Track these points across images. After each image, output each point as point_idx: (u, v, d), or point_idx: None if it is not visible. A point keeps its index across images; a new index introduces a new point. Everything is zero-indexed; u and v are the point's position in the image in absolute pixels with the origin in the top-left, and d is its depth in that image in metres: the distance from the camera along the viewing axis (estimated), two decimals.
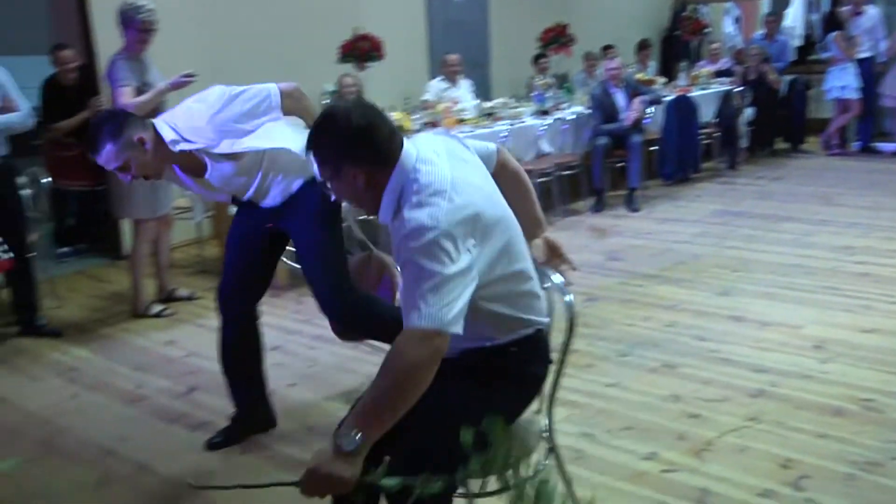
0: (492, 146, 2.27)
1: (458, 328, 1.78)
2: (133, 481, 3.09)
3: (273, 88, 2.89)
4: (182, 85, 4.75)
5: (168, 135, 2.77)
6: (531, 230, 2.30)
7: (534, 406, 2.26)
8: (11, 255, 4.15)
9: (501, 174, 2.23)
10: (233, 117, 2.80)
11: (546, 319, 2.15)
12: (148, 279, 5.07)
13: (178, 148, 2.78)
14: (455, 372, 1.98)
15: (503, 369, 2.06)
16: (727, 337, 4.14)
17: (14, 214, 4.56)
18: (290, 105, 2.95)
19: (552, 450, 2.33)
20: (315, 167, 1.94)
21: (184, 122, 2.81)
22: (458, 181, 1.88)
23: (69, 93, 5.89)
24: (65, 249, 6.46)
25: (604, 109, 7.17)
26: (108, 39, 5.38)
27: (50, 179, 5.34)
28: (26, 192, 4.83)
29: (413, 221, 1.79)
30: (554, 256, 2.35)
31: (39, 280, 4.95)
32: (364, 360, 4.10)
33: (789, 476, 2.86)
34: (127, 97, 4.64)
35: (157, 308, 5.00)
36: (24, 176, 4.92)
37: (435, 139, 2.06)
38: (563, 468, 2.38)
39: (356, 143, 1.87)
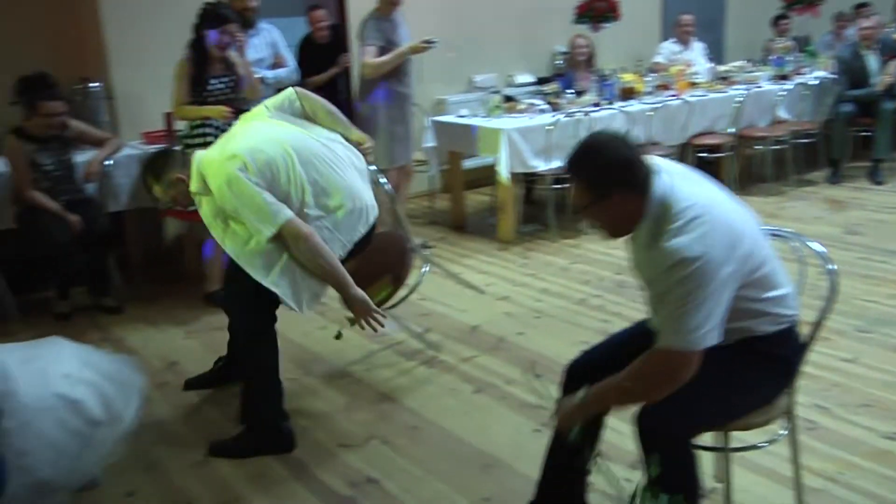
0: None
1: (710, 342, 1.92)
2: (377, 409, 3.40)
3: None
4: (422, 50, 5.03)
5: (194, 186, 2.93)
6: None
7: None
8: None
9: None
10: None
11: (797, 312, 2.17)
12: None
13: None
14: (728, 352, 2.08)
15: (765, 356, 2.13)
16: None
17: None
18: None
19: (789, 416, 2.32)
20: (577, 190, 2.03)
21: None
22: (712, 204, 1.95)
23: (322, 50, 6.36)
24: None
25: (851, 73, 6.70)
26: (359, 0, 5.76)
27: None
28: None
29: (675, 253, 1.88)
30: None
31: None
32: (588, 315, 4.21)
33: None
34: (369, 56, 4.99)
35: None
36: None
37: (670, 162, 2.12)
38: (795, 438, 2.37)
39: (626, 170, 1.97)
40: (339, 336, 3.51)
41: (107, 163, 4.68)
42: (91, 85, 5.20)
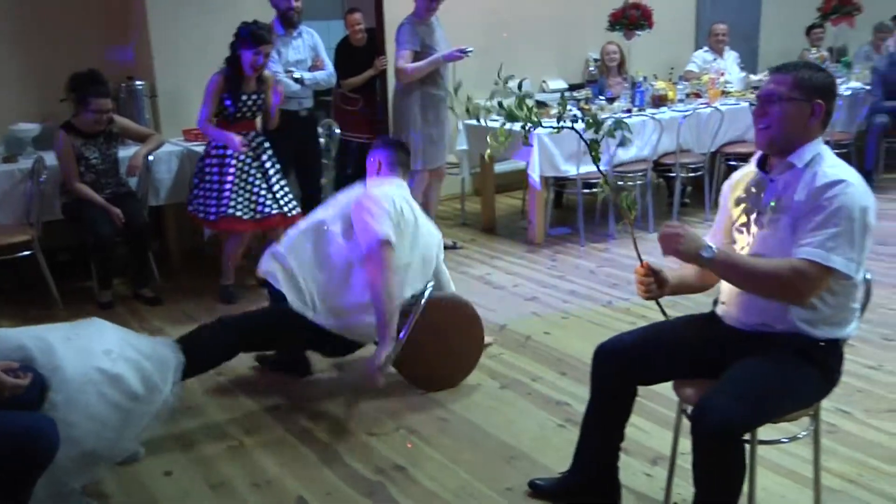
0: None
1: (851, 271, 2.09)
2: (406, 400, 3.49)
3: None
4: (457, 58, 5.12)
5: None
6: None
7: None
8: (299, 209, 4.72)
9: None
10: None
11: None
12: None
13: None
14: (791, 348, 2.23)
15: (818, 364, 2.25)
16: None
17: (313, 159, 5.20)
18: None
19: (814, 418, 2.39)
20: (775, 83, 2.23)
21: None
22: None
23: (358, 53, 6.49)
24: None
25: (886, 85, 6.69)
26: (396, 4, 5.86)
27: (339, 131, 5.93)
28: (322, 140, 5.45)
29: (834, 174, 2.13)
30: None
31: None
32: (614, 318, 4.28)
33: None
34: (403, 61, 5.09)
35: None
36: (320, 127, 5.55)
37: None
38: (818, 439, 2.43)
39: (832, 98, 2.23)
40: None
41: (149, 158, 4.84)
42: (136, 83, 5.37)
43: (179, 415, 3.24)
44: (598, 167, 2.49)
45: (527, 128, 2.48)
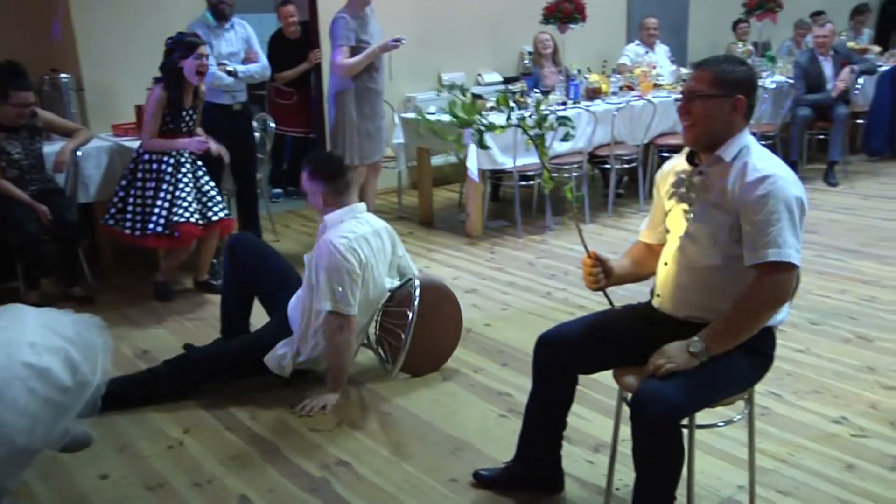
0: None
1: (797, 261, 2.15)
2: (347, 395, 3.47)
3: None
4: (392, 48, 5.09)
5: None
6: None
7: None
8: (228, 213, 4.66)
9: None
10: None
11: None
12: None
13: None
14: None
15: (753, 351, 2.29)
16: None
17: (248, 154, 5.11)
18: None
19: (748, 402, 2.45)
20: (695, 81, 2.27)
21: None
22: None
23: (292, 46, 6.43)
24: (277, 191, 7.06)
25: (808, 79, 6.91)
26: None
27: (274, 125, 5.85)
28: (256, 135, 5.37)
29: (764, 171, 2.16)
30: None
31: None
32: (553, 308, 4.33)
33: None
34: (342, 57, 5.02)
35: None
36: (255, 121, 5.47)
37: None
38: (752, 422, 2.50)
39: (753, 90, 2.28)
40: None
41: (77, 154, 4.69)
42: (61, 76, 5.20)
43: (113, 415, 3.17)
44: (544, 163, 2.50)
45: (480, 130, 2.51)
